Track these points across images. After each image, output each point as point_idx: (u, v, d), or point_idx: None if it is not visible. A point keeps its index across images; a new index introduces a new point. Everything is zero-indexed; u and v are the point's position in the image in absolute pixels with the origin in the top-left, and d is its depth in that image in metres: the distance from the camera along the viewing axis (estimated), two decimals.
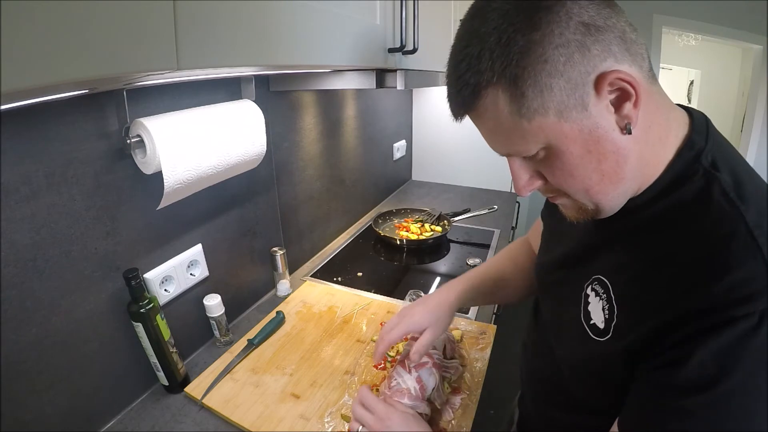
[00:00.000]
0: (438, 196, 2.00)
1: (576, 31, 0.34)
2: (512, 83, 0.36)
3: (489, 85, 0.37)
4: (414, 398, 0.67)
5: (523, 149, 0.40)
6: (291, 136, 1.15)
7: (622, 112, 0.37)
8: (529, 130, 0.38)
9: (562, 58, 0.34)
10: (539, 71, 0.35)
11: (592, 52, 0.35)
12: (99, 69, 0.31)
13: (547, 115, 0.36)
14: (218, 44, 0.42)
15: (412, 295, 1.10)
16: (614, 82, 0.36)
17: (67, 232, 0.62)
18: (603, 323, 0.44)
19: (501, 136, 0.41)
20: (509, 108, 0.37)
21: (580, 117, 0.36)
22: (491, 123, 0.40)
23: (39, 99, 0.50)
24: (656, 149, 0.41)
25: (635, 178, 0.41)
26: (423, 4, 0.84)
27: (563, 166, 0.40)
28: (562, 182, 0.42)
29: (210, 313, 0.88)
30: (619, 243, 0.45)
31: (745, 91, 3.00)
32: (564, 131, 0.37)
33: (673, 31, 2.70)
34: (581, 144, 0.38)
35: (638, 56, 0.37)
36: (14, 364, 0.57)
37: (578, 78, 0.35)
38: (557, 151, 0.39)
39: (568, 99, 0.36)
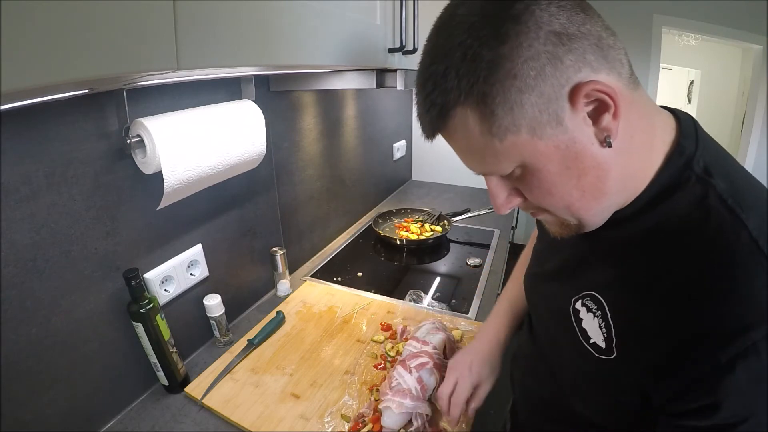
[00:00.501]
0: (438, 196, 2.00)
1: (547, 42, 0.32)
2: (481, 101, 0.34)
3: (456, 104, 0.35)
4: (415, 398, 0.67)
5: (497, 169, 0.39)
6: (291, 136, 1.15)
7: (601, 124, 0.35)
8: (502, 150, 0.36)
9: (532, 72, 0.32)
10: (508, 87, 0.32)
11: (565, 63, 0.32)
12: (99, 69, 0.31)
13: (520, 133, 0.34)
14: (218, 44, 0.42)
15: (412, 295, 1.10)
16: (591, 94, 0.33)
17: (67, 232, 0.62)
18: (604, 342, 0.42)
19: (474, 156, 0.40)
20: (479, 127, 0.35)
21: (555, 133, 0.34)
22: (463, 143, 0.39)
23: (39, 99, 0.50)
24: (641, 159, 0.38)
25: (620, 191, 0.39)
26: (423, 4, 0.84)
27: (540, 184, 0.38)
28: (541, 200, 0.40)
29: (210, 313, 0.88)
30: (610, 257, 0.43)
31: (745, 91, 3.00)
32: (538, 149, 0.35)
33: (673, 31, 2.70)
34: (558, 161, 0.36)
35: (617, 62, 0.35)
36: (14, 364, 0.57)
37: (551, 92, 0.33)
38: (533, 170, 0.37)
39: (541, 115, 0.33)
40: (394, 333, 0.93)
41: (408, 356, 0.74)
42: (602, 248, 0.44)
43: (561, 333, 0.49)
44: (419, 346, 0.77)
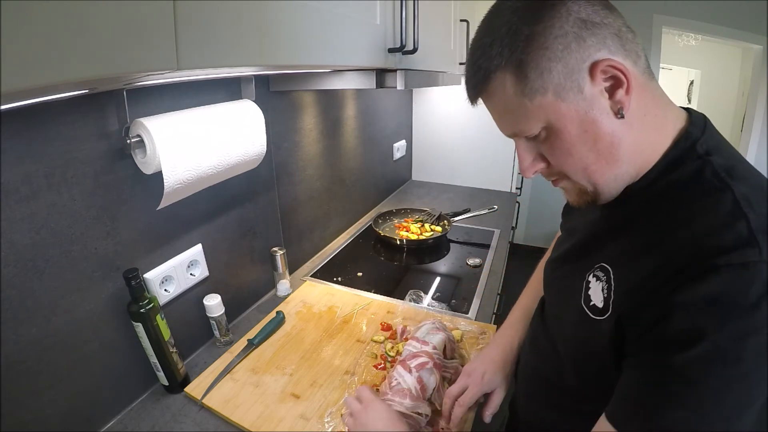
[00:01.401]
0: (438, 196, 2.00)
1: (574, 25, 0.39)
2: (517, 67, 0.41)
3: (498, 69, 0.42)
4: (415, 398, 0.67)
5: (526, 128, 0.44)
6: (291, 136, 1.15)
7: (616, 97, 0.40)
8: (531, 109, 0.42)
9: (560, 46, 0.39)
10: (540, 57, 0.40)
11: (588, 43, 0.39)
12: (99, 69, 0.31)
13: (546, 95, 0.41)
14: (218, 44, 0.42)
15: (412, 295, 1.10)
16: (607, 70, 0.40)
17: (67, 232, 0.62)
18: (602, 302, 0.45)
19: (508, 116, 0.45)
20: (514, 89, 0.42)
21: (576, 99, 0.41)
22: (500, 104, 0.45)
23: (39, 99, 0.50)
24: (651, 137, 0.43)
25: (631, 162, 0.44)
26: (423, 4, 0.84)
27: (562, 144, 0.43)
28: (562, 162, 0.45)
29: (210, 313, 0.88)
30: (621, 231, 0.47)
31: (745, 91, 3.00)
32: (561, 110, 0.41)
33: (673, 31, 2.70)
34: (578, 124, 0.41)
35: (632, 53, 0.41)
36: (14, 364, 0.57)
37: (575, 64, 0.39)
38: (556, 130, 0.43)
39: (565, 81, 0.40)
40: (394, 333, 0.93)
41: (408, 356, 0.74)
42: (615, 223, 0.48)
43: (568, 306, 0.52)
44: (419, 346, 0.77)
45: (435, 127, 2.14)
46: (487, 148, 2.05)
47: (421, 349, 0.76)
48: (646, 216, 0.44)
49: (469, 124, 2.05)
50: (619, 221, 0.47)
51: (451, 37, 1.29)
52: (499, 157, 2.04)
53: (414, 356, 0.74)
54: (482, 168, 2.10)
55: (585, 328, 0.47)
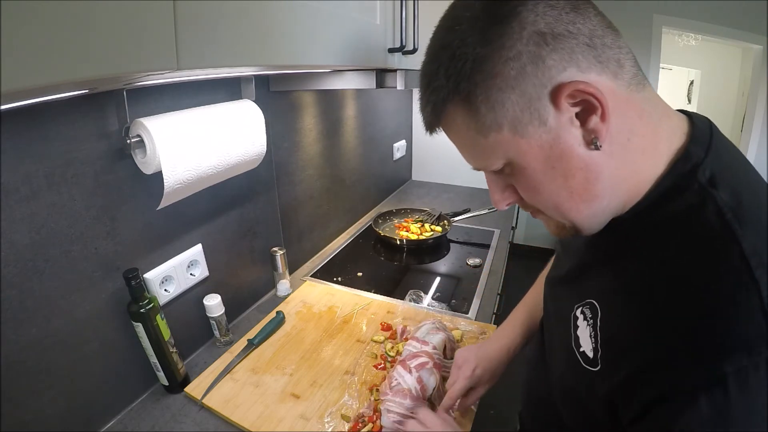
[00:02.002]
0: (438, 196, 2.00)
1: (529, 42, 0.32)
2: (465, 99, 0.35)
3: (447, 101, 0.36)
4: (414, 398, 0.67)
5: (487, 164, 0.39)
6: (291, 136, 1.15)
7: (588, 125, 0.34)
8: (488, 146, 0.37)
9: (513, 71, 0.33)
10: (489, 86, 0.33)
11: (548, 63, 0.32)
12: (99, 69, 0.31)
13: (502, 131, 0.35)
14: (218, 44, 0.42)
15: (412, 295, 1.10)
16: (575, 94, 0.33)
17: (67, 232, 0.62)
18: (591, 352, 0.41)
19: (467, 151, 0.41)
20: (466, 124, 0.37)
21: (538, 132, 0.35)
22: (456, 138, 0.40)
23: (39, 99, 0.50)
24: (639, 163, 0.37)
25: (613, 195, 0.38)
26: (423, 4, 0.84)
27: (528, 182, 0.38)
28: (532, 198, 0.40)
29: (210, 313, 0.88)
30: (608, 263, 0.42)
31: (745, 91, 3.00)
32: (521, 147, 0.36)
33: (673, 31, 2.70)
34: (542, 160, 0.36)
35: (612, 62, 0.34)
36: (14, 364, 0.57)
37: (532, 91, 0.33)
38: (519, 168, 0.37)
39: (523, 114, 0.34)
40: (394, 333, 0.93)
41: (408, 356, 0.74)
42: (602, 254, 0.43)
43: (560, 338, 0.48)
44: (419, 346, 0.77)
45: None
46: None
47: (421, 349, 0.76)
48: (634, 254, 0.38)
49: None
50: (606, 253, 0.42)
51: None
52: None
53: (414, 356, 0.74)
54: None
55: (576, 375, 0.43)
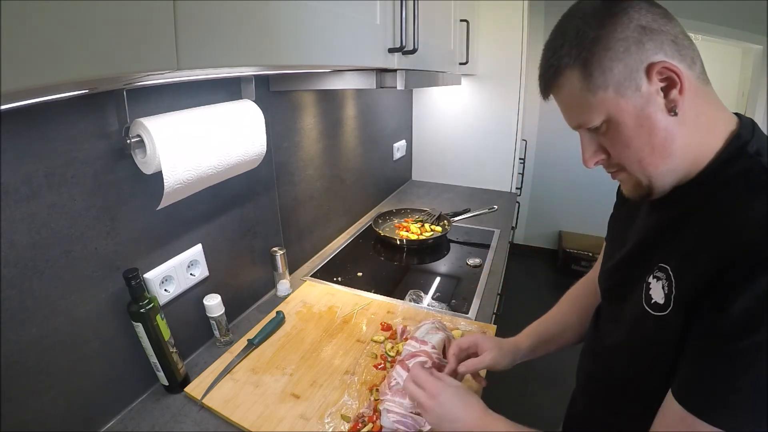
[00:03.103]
0: (438, 196, 2.00)
1: (635, 31, 0.43)
2: (583, 65, 0.45)
3: (567, 66, 0.47)
4: None
5: (589, 120, 0.48)
6: (291, 136, 1.15)
7: (670, 96, 0.44)
8: (594, 104, 0.47)
9: (622, 48, 0.44)
10: (603, 57, 0.44)
11: (646, 47, 0.43)
12: (99, 69, 0.31)
13: (608, 91, 0.45)
14: (218, 44, 0.42)
15: (412, 295, 1.10)
16: (662, 71, 0.43)
17: (67, 232, 0.62)
18: (663, 299, 0.47)
19: (573, 109, 0.50)
20: (580, 85, 0.46)
21: (634, 96, 0.45)
22: (567, 98, 0.49)
23: (39, 99, 0.50)
24: (703, 136, 0.47)
25: (683, 157, 0.47)
26: (423, 4, 0.84)
27: (620, 137, 0.47)
28: (620, 153, 0.49)
29: (210, 313, 0.88)
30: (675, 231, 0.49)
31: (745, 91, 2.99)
32: (621, 105, 0.45)
33: None
34: (635, 118, 0.46)
35: (687, 58, 0.45)
36: (14, 364, 0.57)
37: (634, 64, 0.44)
38: (616, 123, 0.47)
39: (625, 80, 0.44)
40: (394, 333, 0.93)
41: (407, 356, 0.74)
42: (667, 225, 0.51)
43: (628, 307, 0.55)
44: (418, 346, 0.77)
45: (435, 127, 2.14)
46: (487, 148, 2.05)
47: (420, 348, 0.76)
48: (699, 214, 0.47)
49: (469, 125, 2.05)
50: (673, 222, 0.50)
51: (451, 37, 1.29)
52: (499, 157, 2.04)
53: (413, 356, 0.74)
54: (482, 168, 2.10)
55: (646, 325, 0.50)
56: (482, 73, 1.93)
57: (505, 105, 1.95)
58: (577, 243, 2.97)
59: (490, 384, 0.80)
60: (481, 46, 1.87)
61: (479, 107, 2.00)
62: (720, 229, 0.43)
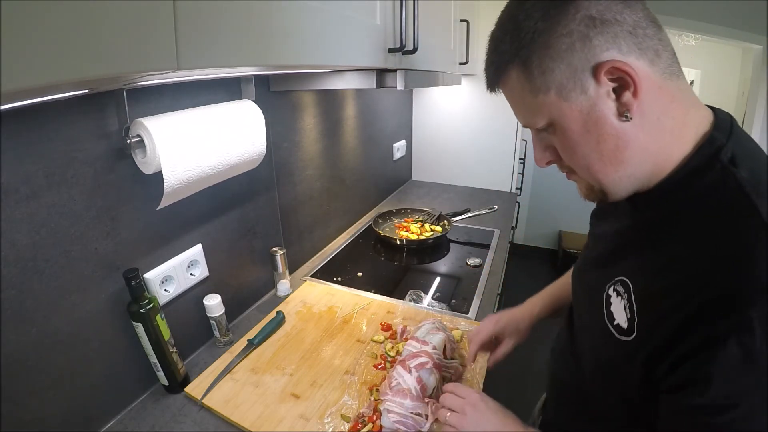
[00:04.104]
0: (438, 196, 2.00)
1: (581, 23, 0.38)
2: (522, 63, 0.42)
3: (507, 63, 0.43)
4: (414, 398, 0.68)
5: (533, 122, 0.45)
6: (291, 136, 1.15)
7: (622, 99, 0.40)
8: (536, 105, 0.43)
9: (564, 45, 0.39)
10: (543, 56, 0.40)
11: (594, 43, 0.38)
12: (99, 69, 0.31)
13: (549, 94, 0.41)
14: (218, 44, 0.42)
15: (412, 294, 1.10)
16: (612, 71, 0.39)
17: (67, 232, 0.62)
18: (626, 323, 0.44)
19: (518, 109, 0.47)
20: (521, 85, 0.43)
21: (579, 99, 0.40)
22: (510, 96, 0.47)
23: (39, 99, 0.50)
24: (666, 141, 0.42)
25: (640, 165, 0.42)
26: (423, 4, 0.84)
27: (566, 141, 0.44)
28: (568, 158, 0.46)
29: (210, 313, 0.88)
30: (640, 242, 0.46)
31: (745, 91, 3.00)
32: (563, 110, 0.42)
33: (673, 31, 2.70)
34: (580, 123, 0.42)
35: (650, 51, 0.39)
36: (14, 364, 0.57)
37: (578, 64, 0.39)
38: (560, 127, 0.43)
39: (568, 82, 0.40)
40: (394, 333, 0.93)
41: (408, 356, 0.74)
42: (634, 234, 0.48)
43: (592, 318, 0.52)
44: (419, 346, 0.77)
45: (435, 127, 2.14)
46: (487, 148, 2.05)
47: (420, 349, 0.76)
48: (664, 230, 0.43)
49: (469, 125, 2.05)
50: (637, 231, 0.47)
51: (451, 37, 1.29)
52: (499, 157, 2.04)
53: (414, 356, 0.74)
54: (482, 168, 2.10)
55: (610, 348, 0.46)
56: (482, 73, 1.92)
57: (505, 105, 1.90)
58: (577, 243, 2.97)
59: (489, 383, 0.80)
60: (481, 46, 1.86)
61: (479, 107, 2.00)
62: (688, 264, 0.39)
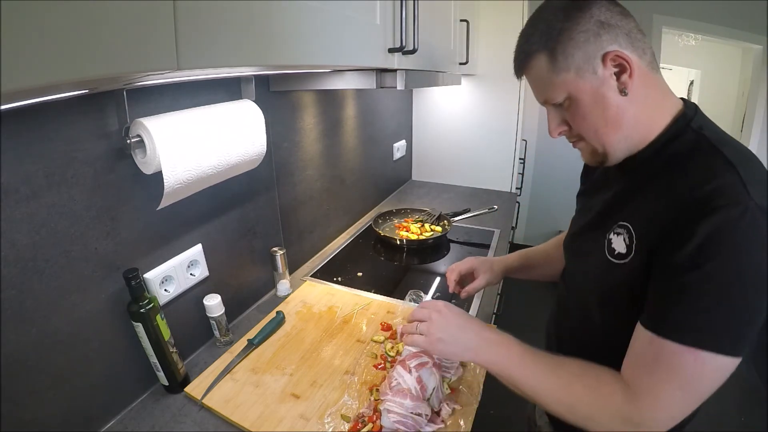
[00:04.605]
0: (438, 196, 2.00)
1: (594, 24, 0.52)
2: (550, 51, 0.55)
3: (536, 52, 0.56)
4: (414, 398, 0.68)
5: (553, 96, 0.57)
6: (291, 136, 1.15)
7: (621, 80, 0.53)
8: (557, 83, 0.56)
9: (582, 38, 0.53)
10: (567, 45, 0.53)
11: (602, 38, 0.52)
12: (99, 69, 0.31)
13: (569, 73, 0.54)
14: (218, 44, 0.42)
15: (412, 294, 1.10)
16: (615, 59, 0.52)
17: (67, 232, 0.62)
18: (625, 248, 0.56)
19: (541, 88, 0.59)
20: (546, 67, 0.56)
21: (591, 78, 0.54)
22: (535, 78, 0.59)
23: (39, 99, 0.50)
24: (652, 114, 0.56)
25: (633, 129, 0.56)
26: (423, 4, 0.84)
27: (579, 111, 0.56)
28: (580, 124, 0.57)
29: (210, 313, 0.88)
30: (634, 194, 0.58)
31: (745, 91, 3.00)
32: (579, 85, 0.54)
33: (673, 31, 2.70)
34: (591, 96, 0.54)
35: (639, 49, 0.54)
36: (14, 364, 0.57)
37: (592, 52, 0.53)
38: (575, 100, 0.55)
39: (584, 64, 0.53)
40: (394, 333, 0.93)
41: (408, 356, 0.74)
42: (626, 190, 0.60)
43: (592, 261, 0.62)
44: None
45: (435, 127, 2.14)
46: (487, 148, 2.05)
47: None
48: (654, 180, 0.55)
49: (469, 125, 2.05)
50: (631, 187, 0.58)
51: (451, 37, 1.29)
52: (499, 157, 2.04)
53: (414, 356, 0.74)
54: (482, 168, 2.10)
55: (610, 272, 0.58)
56: (482, 73, 1.93)
57: (505, 105, 1.95)
58: None
59: (489, 382, 0.80)
60: (481, 46, 1.87)
61: (479, 107, 2.00)
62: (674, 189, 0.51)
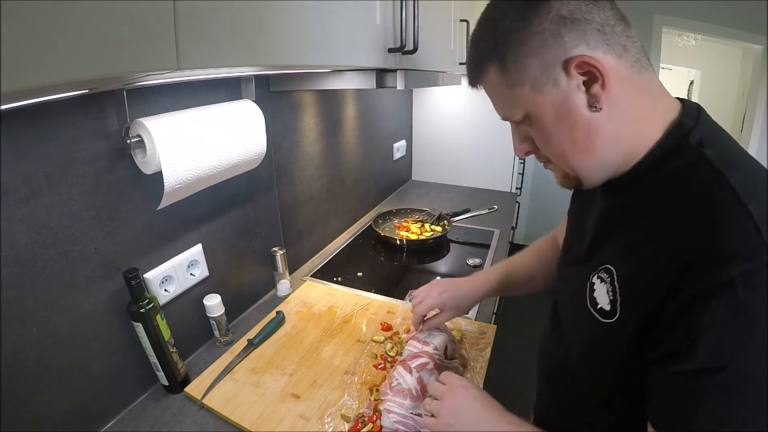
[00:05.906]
0: (438, 196, 2.00)
1: (552, 22, 0.41)
2: (499, 60, 0.45)
3: (486, 61, 0.46)
4: (415, 398, 0.68)
5: (510, 114, 0.48)
6: (291, 136, 1.15)
7: (591, 91, 0.42)
8: (512, 98, 0.46)
9: (537, 43, 0.42)
10: (518, 53, 0.43)
11: (564, 39, 0.41)
12: (99, 69, 0.31)
13: (524, 87, 0.44)
14: (218, 44, 0.42)
15: (412, 294, 1.10)
16: (582, 65, 0.41)
17: (67, 232, 0.62)
18: (609, 305, 0.46)
19: (497, 103, 0.50)
20: (498, 80, 0.46)
21: (552, 92, 0.43)
22: (490, 91, 0.49)
23: (39, 99, 0.50)
24: (637, 128, 0.44)
25: (613, 150, 0.45)
26: (423, 4, 0.84)
27: (542, 132, 0.46)
28: (544, 147, 0.48)
29: (210, 313, 0.88)
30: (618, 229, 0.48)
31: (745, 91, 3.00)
32: (538, 102, 0.44)
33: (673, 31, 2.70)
34: (554, 114, 0.44)
35: (617, 47, 0.42)
36: (14, 364, 0.57)
37: (550, 60, 0.42)
38: (535, 119, 0.46)
39: (541, 76, 0.43)
40: (394, 333, 0.93)
41: (408, 356, 0.74)
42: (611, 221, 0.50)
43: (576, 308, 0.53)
44: (420, 347, 0.77)
45: (435, 127, 2.14)
46: (487, 148, 2.05)
47: (421, 349, 0.76)
48: (642, 210, 0.45)
49: (469, 125, 2.05)
50: (619, 218, 0.48)
51: (451, 37, 1.29)
52: (499, 157, 2.04)
53: (414, 356, 0.74)
54: (482, 168, 2.10)
55: (595, 331, 0.48)
56: None
57: None
58: None
59: (490, 383, 0.80)
60: None
61: (479, 107, 2.00)
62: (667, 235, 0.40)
